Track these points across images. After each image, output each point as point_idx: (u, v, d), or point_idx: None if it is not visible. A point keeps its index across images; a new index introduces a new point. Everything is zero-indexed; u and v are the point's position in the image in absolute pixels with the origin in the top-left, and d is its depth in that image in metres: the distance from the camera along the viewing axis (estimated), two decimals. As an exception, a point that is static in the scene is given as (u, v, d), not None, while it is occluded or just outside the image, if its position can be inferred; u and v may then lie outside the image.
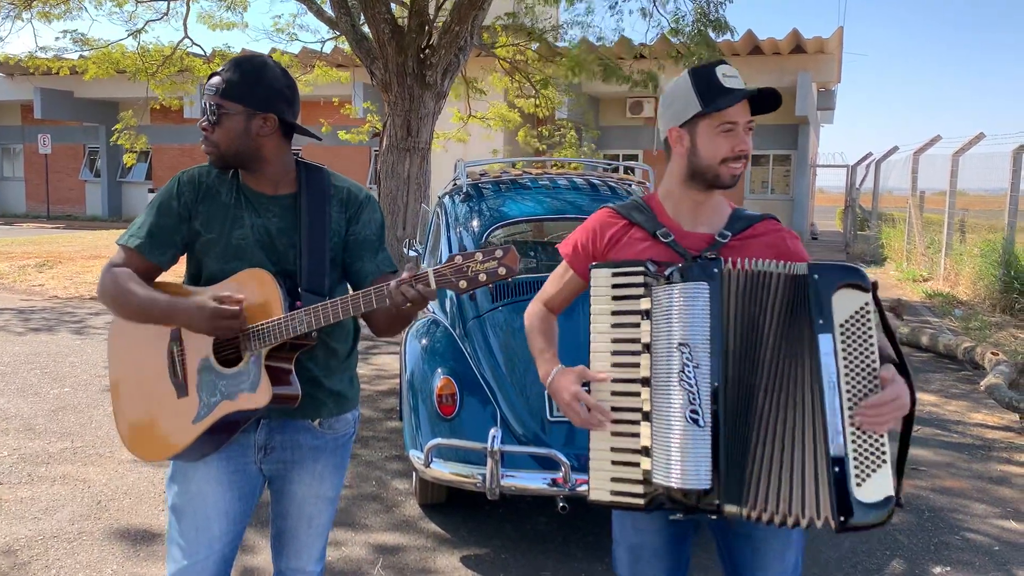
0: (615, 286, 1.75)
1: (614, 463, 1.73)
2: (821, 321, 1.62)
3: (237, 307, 1.83)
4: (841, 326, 1.62)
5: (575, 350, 2.06)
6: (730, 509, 1.67)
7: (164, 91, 12.91)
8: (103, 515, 3.83)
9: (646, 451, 1.70)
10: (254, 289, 1.90)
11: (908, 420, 1.67)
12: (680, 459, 1.65)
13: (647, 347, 1.70)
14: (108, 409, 5.45)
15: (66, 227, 21.59)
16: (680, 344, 1.66)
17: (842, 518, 1.60)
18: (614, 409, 1.74)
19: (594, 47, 11.77)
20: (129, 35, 12.25)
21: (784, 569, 1.87)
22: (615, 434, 1.73)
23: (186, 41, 12.37)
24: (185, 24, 12.08)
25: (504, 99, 14.33)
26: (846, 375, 1.62)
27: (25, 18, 11.60)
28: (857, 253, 17.41)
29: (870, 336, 1.63)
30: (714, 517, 1.69)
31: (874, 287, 1.65)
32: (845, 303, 1.62)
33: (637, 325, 1.72)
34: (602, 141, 19.84)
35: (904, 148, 15.77)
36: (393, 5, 9.21)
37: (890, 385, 1.62)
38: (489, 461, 3.21)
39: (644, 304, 1.71)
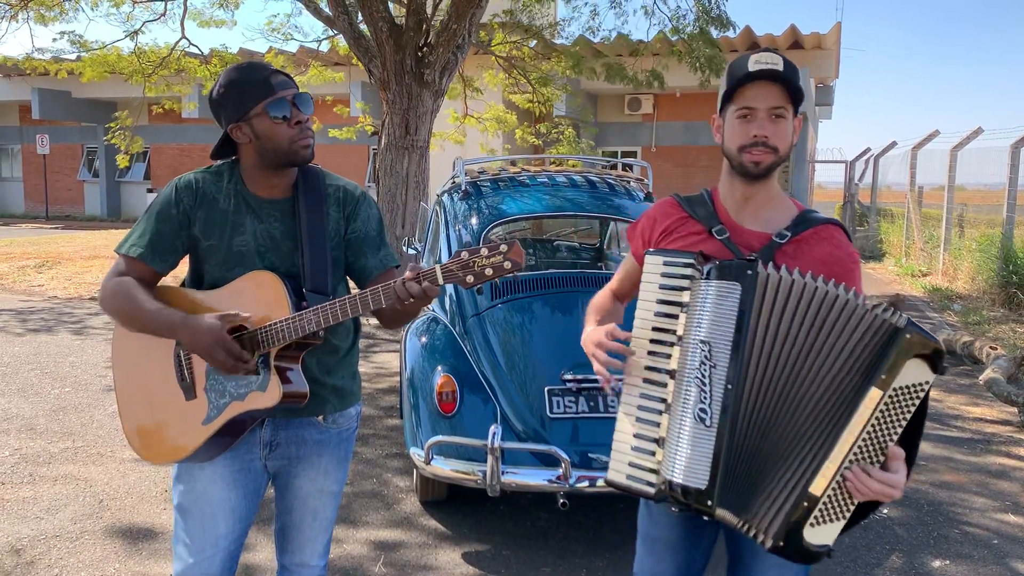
0: (664, 275, 1.74)
1: (634, 448, 1.74)
2: (884, 377, 1.56)
3: (248, 360, 1.84)
4: (895, 390, 1.57)
5: None
6: (722, 513, 1.66)
7: (158, 92, 12.87)
8: (105, 514, 3.85)
9: (661, 442, 1.70)
10: (261, 290, 1.91)
11: (876, 503, 1.65)
12: (683, 455, 1.66)
13: (680, 339, 1.70)
14: (109, 409, 5.46)
15: (65, 227, 21.58)
16: (703, 341, 1.66)
17: (781, 543, 1.62)
18: (643, 396, 1.74)
19: (592, 45, 11.76)
20: (126, 36, 12.22)
21: None
22: (639, 420, 1.74)
23: (183, 42, 12.33)
24: (183, 25, 12.05)
25: (501, 98, 14.27)
26: (868, 433, 1.58)
27: (22, 19, 11.56)
28: (856, 248, 17.38)
29: (909, 411, 1.59)
30: (706, 518, 1.70)
31: (941, 371, 1.60)
32: (913, 371, 1.57)
33: (676, 317, 1.71)
34: (600, 138, 19.82)
35: (902, 143, 15.81)
36: (391, 3, 9.21)
37: (892, 466, 1.59)
38: (489, 458, 3.22)
39: (685, 296, 1.70)
